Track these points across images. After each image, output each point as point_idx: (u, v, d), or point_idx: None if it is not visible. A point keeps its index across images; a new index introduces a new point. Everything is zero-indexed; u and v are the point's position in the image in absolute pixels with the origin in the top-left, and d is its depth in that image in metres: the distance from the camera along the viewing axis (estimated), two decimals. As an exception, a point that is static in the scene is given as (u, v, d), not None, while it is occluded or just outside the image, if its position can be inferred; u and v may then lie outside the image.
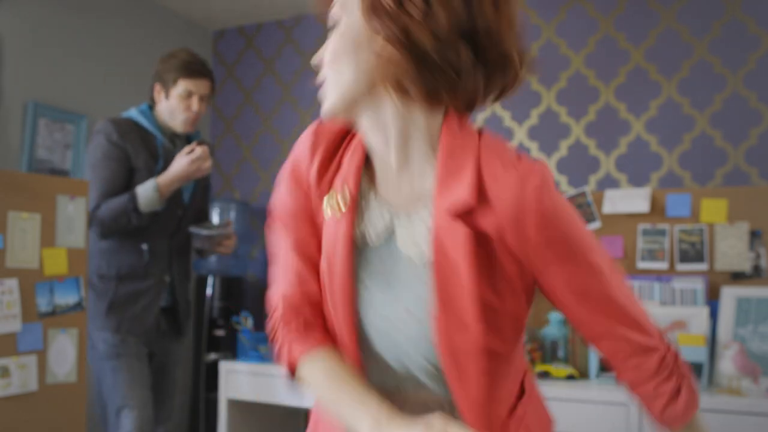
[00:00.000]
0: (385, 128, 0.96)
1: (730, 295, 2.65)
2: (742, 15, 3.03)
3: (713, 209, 2.82)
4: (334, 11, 0.96)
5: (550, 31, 3.38)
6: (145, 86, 3.75)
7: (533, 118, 3.38)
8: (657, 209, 2.91)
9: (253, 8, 3.92)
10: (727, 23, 3.06)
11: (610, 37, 3.26)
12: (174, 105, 2.51)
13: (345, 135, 1.06)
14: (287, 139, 3.98)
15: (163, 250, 2.52)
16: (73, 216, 2.48)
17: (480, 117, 3.48)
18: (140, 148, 2.48)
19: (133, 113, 2.57)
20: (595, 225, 2.99)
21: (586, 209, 3.02)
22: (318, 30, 3.94)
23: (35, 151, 3.12)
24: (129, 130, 2.49)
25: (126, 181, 2.46)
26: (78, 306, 2.61)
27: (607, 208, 2.97)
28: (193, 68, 2.52)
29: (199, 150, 2.40)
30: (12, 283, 2.36)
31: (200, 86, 2.52)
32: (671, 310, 2.72)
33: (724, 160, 3.03)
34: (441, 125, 0.96)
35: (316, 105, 3.92)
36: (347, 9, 0.94)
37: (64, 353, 2.47)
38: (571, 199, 3.04)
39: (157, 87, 2.55)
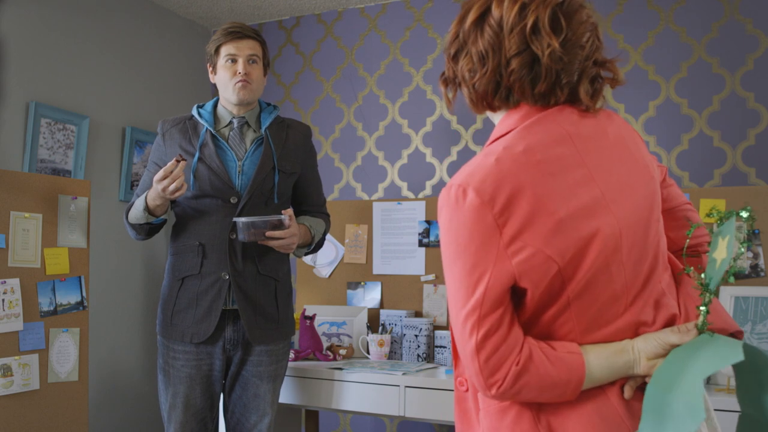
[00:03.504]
0: None
1: (728, 294, 2.67)
2: (740, 16, 3.04)
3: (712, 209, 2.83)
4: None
5: (549, 31, 3.39)
6: (146, 86, 3.78)
7: (532, 119, 3.39)
8: (655, 209, 2.92)
9: (254, 8, 3.93)
10: (726, 24, 3.07)
11: (609, 38, 3.27)
12: (222, 76, 2.35)
13: None
14: (287, 139, 3.99)
15: (221, 246, 2.30)
16: (75, 216, 2.49)
17: (479, 117, 3.50)
18: (177, 144, 2.36)
19: (193, 108, 2.47)
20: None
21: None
22: (318, 30, 3.96)
23: (37, 151, 3.13)
24: (177, 123, 2.41)
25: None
26: (79, 305, 2.63)
27: (606, 208, 2.98)
28: (231, 31, 2.34)
29: (170, 165, 2.17)
30: (14, 283, 2.37)
31: (243, 48, 2.33)
32: (670, 310, 2.73)
33: (723, 160, 3.04)
34: None
35: (316, 105, 3.93)
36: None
37: (65, 352, 2.48)
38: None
39: (209, 67, 2.42)
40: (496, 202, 1.07)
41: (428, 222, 3.28)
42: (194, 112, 2.41)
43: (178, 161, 2.16)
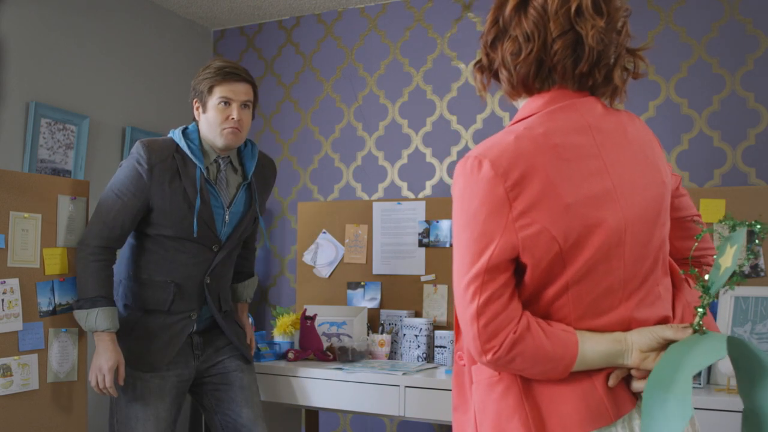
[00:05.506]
0: None
1: (728, 294, 2.67)
2: (740, 16, 3.04)
3: (711, 209, 2.83)
4: None
5: (549, 31, 3.39)
6: (146, 86, 3.78)
7: (532, 119, 3.39)
8: (655, 209, 2.92)
9: (254, 8, 3.93)
10: (726, 24, 3.07)
11: (609, 38, 3.27)
12: (212, 117, 2.27)
13: None
14: (288, 139, 3.99)
15: (194, 288, 2.32)
16: (74, 216, 2.49)
17: (479, 117, 3.49)
18: (172, 183, 2.24)
19: (176, 134, 2.32)
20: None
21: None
22: (318, 30, 3.96)
23: (37, 151, 3.13)
24: (164, 157, 2.25)
25: (133, 222, 2.27)
26: (79, 305, 2.62)
27: (606, 208, 2.98)
28: (228, 71, 2.27)
29: (111, 389, 2.22)
30: (13, 283, 2.37)
31: (238, 91, 2.28)
32: (669, 310, 2.73)
33: (723, 160, 3.04)
34: None
35: (316, 105, 3.93)
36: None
37: (65, 352, 2.48)
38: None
39: (195, 103, 2.33)
40: (509, 177, 1.11)
41: (428, 222, 3.28)
42: (182, 144, 2.29)
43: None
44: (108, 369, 2.21)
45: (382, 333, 3.10)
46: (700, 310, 1.15)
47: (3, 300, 2.33)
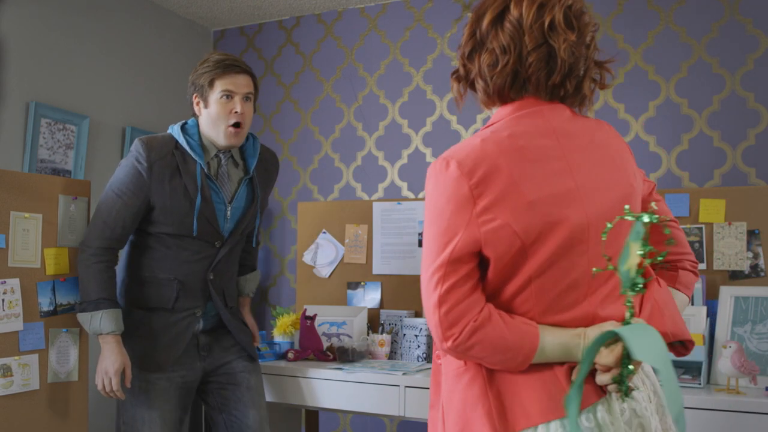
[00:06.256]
0: None
1: (728, 294, 2.67)
2: (740, 16, 3.04)
3: (711, 209, 2.83)
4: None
5: (549, 31, 3.39)
6: (146, 86, 3.78)
7: (532, 119, 3.39)
8: (655, 209, 2.92)
9: (254, 8, 3.93)
10: (726, 24, 3.07)
11: (609, 38, 3.27)
12: (215, 112, 2.22)
13: None
14: (288, 139, 3.99)
15: (197, 285, 2.29)
16: (75, 216, 2.49)
17: (479, 117, 3.50)
18: (172, 180, 2.20)
19: (176, 130, 2.28)
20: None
21: (585, 209, 3.03)
22: (318, 30, 3.96)
23: (37, 151, 3.13)
24: (164, 154, 2.21)
25: (134, 221, 2.23)
26: (79, 305, 2.62)
27: (606, 208, 2.98)
28: (228, 64, 2.23)
29: (118, 391, 2.19)
30: (14, 283, 2.37)
31: (240, 84, 2.24)
32: (670, 310, 2.73)
33: (723, 160, 3.04)
34: None
35: (316, 105, 3.93)
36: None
37: (65, 352, 2.48)
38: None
39: (195, 98, 2.27)
40: (473, 175, 1.20)
41: (428, 222, 3.28)
42: (181, 141, 2.25)
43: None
44: (114, 372, 2.17)
45: (382, 333, 3.10)
46: (627, 303, 1.19)
47: (3, 300, 2.33)
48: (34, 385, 2.40)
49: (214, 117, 2.23)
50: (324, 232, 3.51)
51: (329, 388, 2.77)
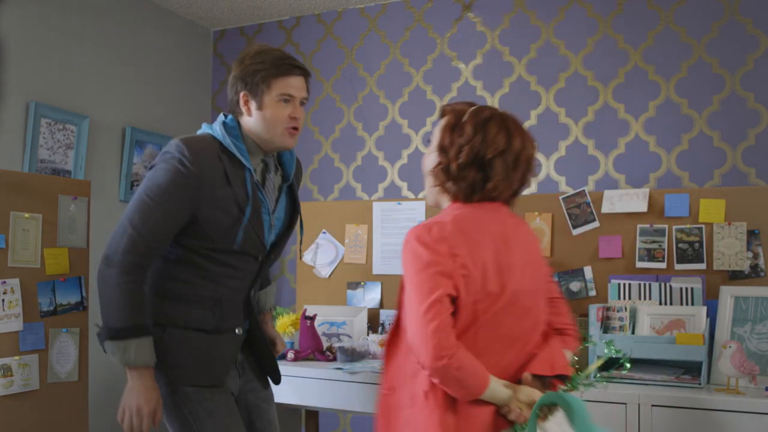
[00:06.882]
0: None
1: (728, 294, 2.67)
2: (740, 16, 3.05)
3: (711, 209, 2.83)
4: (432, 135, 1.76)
5: (549, 32, 3.39)
6: (146, 86, 3.78)
7: (532, 119, 3.39)
8: (655, 209, 2.92)
9: (254, 8, 3.93)
10: (726, 24, 3.07)
11: (608, 38, 3.27)
12: (271, 115, 1.97)
13: None
14: (287, 139, 3.99)
15: (238, 302, 2.02)
16: (75, 216, 2.49)
17: (479, 117, 3.50)
18: (221, 189, 1.91)
19: (218, 131, 1.97)
20: (594, 225, 3.00)
21: (585, 209, 3.03)
22: (318, 30, 3.96)
23: (37, 151, 3.13)
24: (211, 158, 1.90)
25: (172, 235, 1.90)
26: (79, 305, 2.63)
27: (606, 208, 2.98)
28: (288, 64, 2.00)
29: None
30: (14, 283, 2.37)
31: (299, 87, 2.04)
32: (670, 310, 2.73)
33: (723, 160, 3.04)
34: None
35: (316, 105, 3.93)
36: (433, 139, 1.75)
37: (65, 352, 2.48)
38: (570, 198, 3.06)
39: (243, 96, 1.99)
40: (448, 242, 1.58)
41: (428, 222, 3.28)
42: (227, 143, 1.96)
43: None
44: (148, 413, 1.84)
45: (382, 333, 3.10)
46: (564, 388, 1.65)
47: (3, 300, 2.33)
48: (34, 385, 2.40)
49: (270, 120, 1.98)
50: (324, 232, 3.51)
51: (329, 388, 2.77)
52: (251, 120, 2.00)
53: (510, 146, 1.64)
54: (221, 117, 2.03)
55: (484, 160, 1.63)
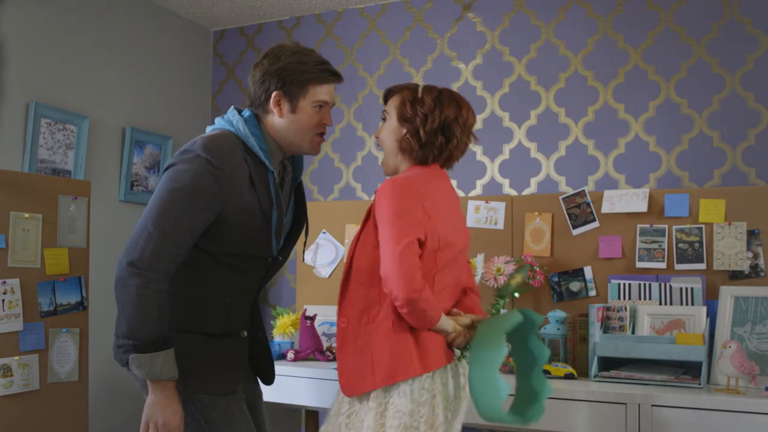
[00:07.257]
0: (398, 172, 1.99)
1: (728, 294, 2.67)
2: (740, 16, 3.05)
3: (711, 209, 2.83)
4: (385, 112, 2.01)
5: (548, 32, 3.39)
6: (146, 86, 3.78)
7: (532, 119, 3.39)
8: (655, 209, 2.93)
9: (254, 8, 3.93)
10: (726, 24, 3.07)
11: (608, 38, 3.27)
12: (305, 120, 1.90)
13: None
14: (287, 139, 3.99)
15: (246, 305, 1.99)
16: (75, 216, 2.49)
17: (479, 118, 3.49)
18: (247, 192, 1.84)
19: (242, 130, 1.87)
20: (594, 225, 3.01)
21: (585, 209, 3.03)
22: (318, 30, 3.96)
23: (37, 151, 3.13)
24: (238, 160, 1.82)
25: (194, 239, 1.80)
26: (79, 305, 2.63)
27: (606, 208, 2.99)
28: (330, 70, 1.94)
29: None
30: (14, 283, 2.37)
31: (333, 94, 1.97)
32: (670, 310, 2.73)
33: (723, 160, 3.04)
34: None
35: (316, 105, 3.93)
36: (390, 115, 1.99)
37: (65, 352, 2.48)
38: (570, 199, 3.06)
39: (276, 95, 1.88)
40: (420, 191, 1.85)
41: (428, 222, 3.28)
42: (252, 144, 1.87)
43: None
44: (176, 426, 1.76)
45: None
46: (500, 301, 2.06)
47: (3, 300, 2.33)
48: (34, 385, 2.40)
49: (303, 125, 1.91)
50: (324, 232, 3.51)
51: (329, 388, 2.77)
52: (281, 121, 1.90)
53: (460, 114, 1.93)
54: (237, 113, 1.93)
55: (445, 125, 1.90)
